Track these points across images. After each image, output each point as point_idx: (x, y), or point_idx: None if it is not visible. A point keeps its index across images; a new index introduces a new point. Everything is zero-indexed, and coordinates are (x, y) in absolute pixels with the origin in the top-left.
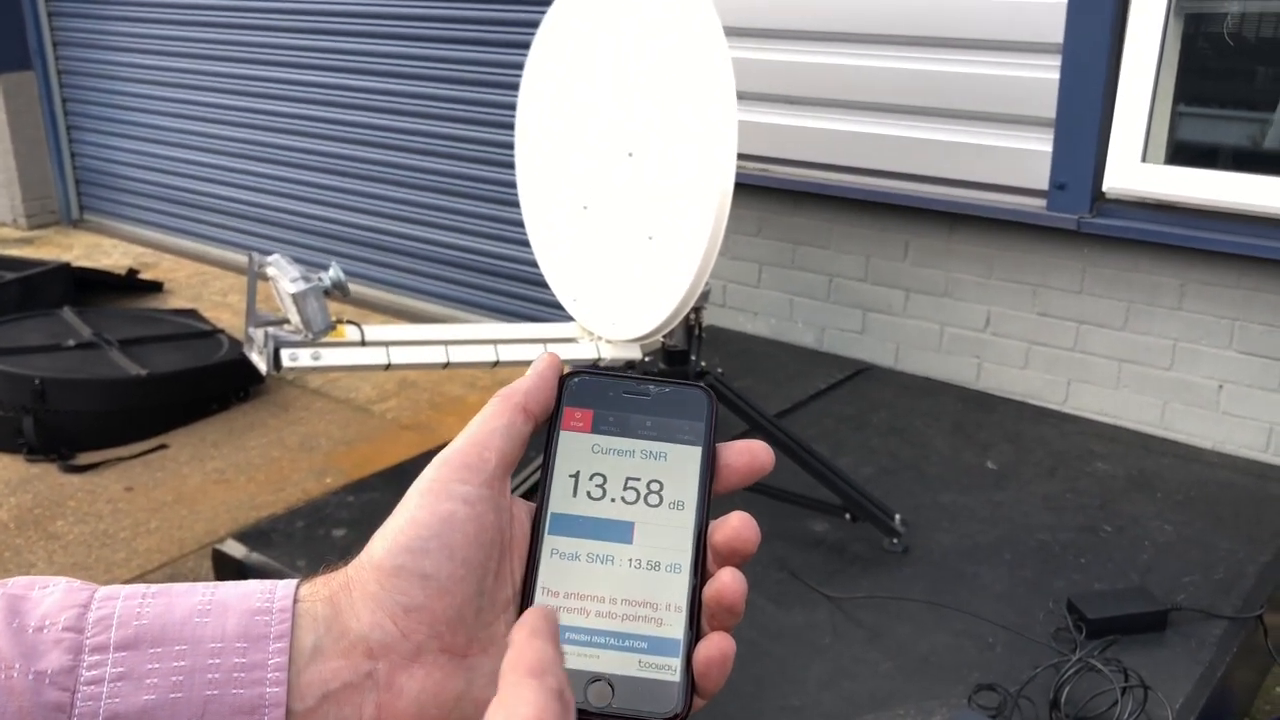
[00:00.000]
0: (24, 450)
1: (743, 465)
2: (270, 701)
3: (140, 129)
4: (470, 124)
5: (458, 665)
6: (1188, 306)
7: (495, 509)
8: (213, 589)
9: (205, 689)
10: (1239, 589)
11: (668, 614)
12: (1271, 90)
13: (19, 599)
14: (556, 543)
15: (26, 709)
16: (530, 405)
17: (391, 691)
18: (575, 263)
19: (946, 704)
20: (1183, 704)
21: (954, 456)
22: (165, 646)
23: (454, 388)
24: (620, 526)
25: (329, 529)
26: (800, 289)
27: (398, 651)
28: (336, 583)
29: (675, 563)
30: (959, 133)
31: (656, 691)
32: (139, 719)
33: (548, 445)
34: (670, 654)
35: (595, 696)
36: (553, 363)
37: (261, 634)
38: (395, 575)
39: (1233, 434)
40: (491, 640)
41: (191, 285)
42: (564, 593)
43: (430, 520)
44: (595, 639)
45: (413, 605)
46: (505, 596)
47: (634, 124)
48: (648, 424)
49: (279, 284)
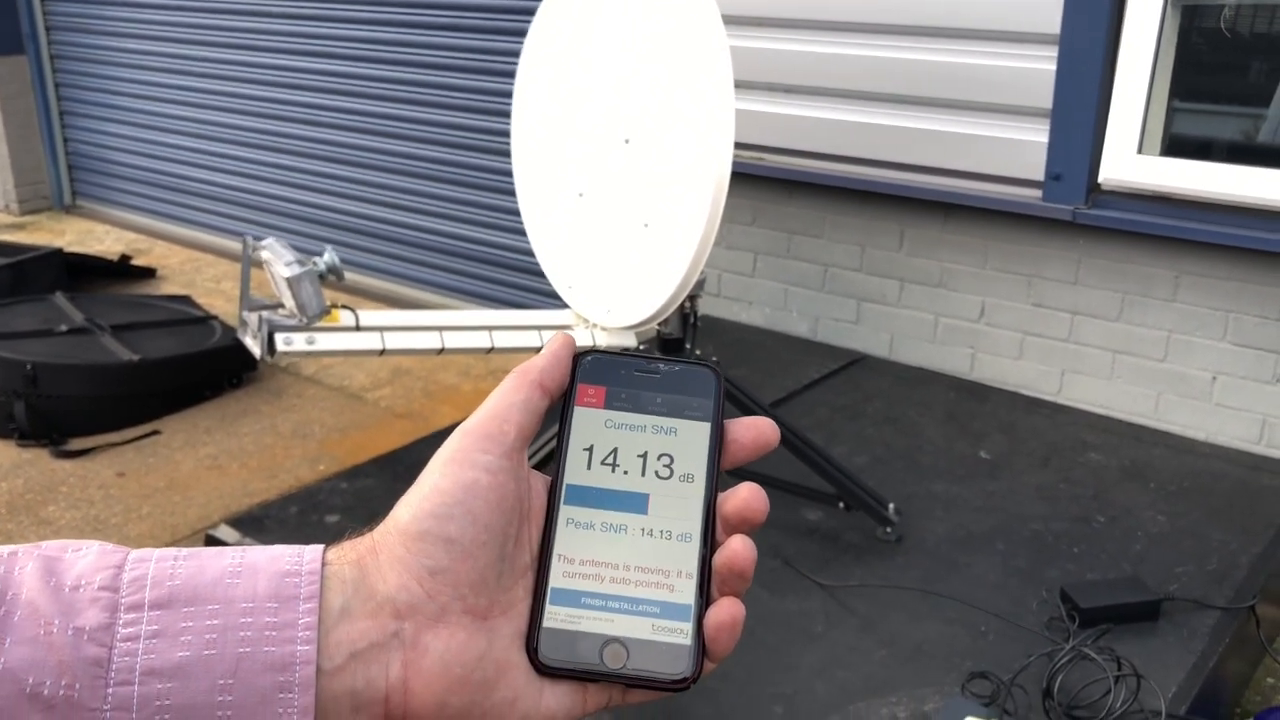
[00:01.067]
0: (15, 435)
1: (749, 440)
2: (301, 659)
3: (133, 114)
4: (465, 111)
5: (480, 626)
6: (1182, 298)
7: (515, 478)
8: (241, 553)
9: (238, 646)
10: (1231, 580)
11: (679, 581)
12: (1268, 83)
13: (54, 560)
14: (572, 513)
15: (66, 663)
16: (546, 382)
17: (417, 650)
18: (571, 250)
19: (939, 692)
20: (1175, 693)
21: (947, 446)
22: (198, 606)
23: (448, 376)
24: (633, 497)
25: (323, 515)
26: (795, 279)
27: (423, 612)
28: (363, 547)
29: (686, 532)
30: (954, 123)
31: (669, 654)
32: (174, 674)
33: (562, 420)
34: (682, 618)
35: (610, 658)
36: (567, 342)
37: (291, 595)
38: (421, 539)
39: (1226, 425)
40: (511, 604)
41: (184, 272)
42: (579, 559)
43: (454, 488)
44: (610, 604)
45: (438, 568)
46: (524, 562)
47: (630, 110)
48: (658, 400)
49: (273, 268)
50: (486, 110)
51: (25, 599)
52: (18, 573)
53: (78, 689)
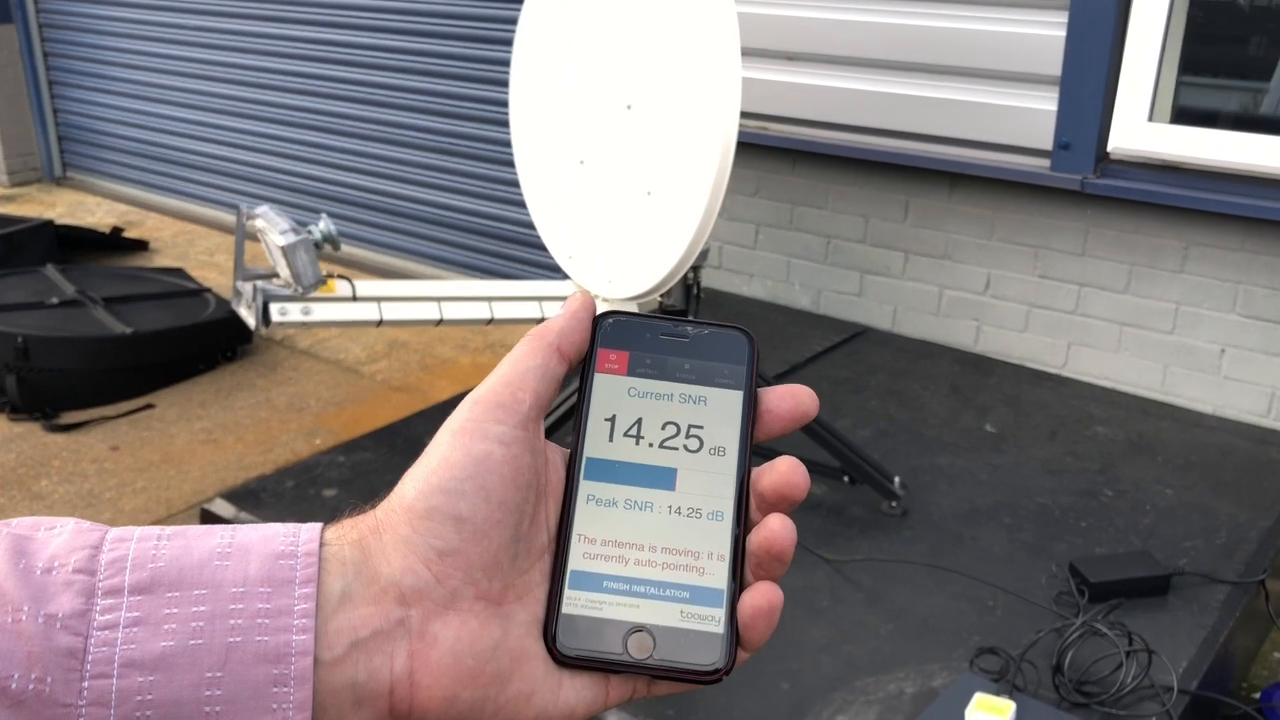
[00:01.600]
0: (7, 409)
1: (785, 411)
2: (297, 650)
3: (124, 84)
4: (463, 80)
5: (493, 613)
6: (1190, 269)
7: (531, 451)
8: (232, 531)
9: (227, 636)
10: (1241, 554)
11: (710, 563)
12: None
13: (24, 539)
14: (593, 488)
15: (36, 654)
16: (564, 345)
17: (425, 640)
18: (571, 220)
19: (947, 667)
20: (1186, 668)
21: (952, 419)
22: (183, 591)
23: (445, 349)
24: (660, 472)
25: (319, 489)
26: (797, 250)
27: (431, 598)
28: (365, 526)
29: (717, 510)
30: (961, 90)
31: (700, 643)
32: (157, 666)
33: (581, 388)
34: (713, 604)
35: (636, 648)
36: (586, 302)
37: (286, 578)
38: (428, 518)
39: (1234, 398)
40: (527, 588)
41: (177, 244)
42: (601, 540)
43: (464, 461)
44: (635, 588)
45: (447, 549)
46: (540, 543)
47: (633, 75)
48: (686, 367)
49: (268, 236)
50: (484, 79)
51: None
52: None
53: (49, 682)
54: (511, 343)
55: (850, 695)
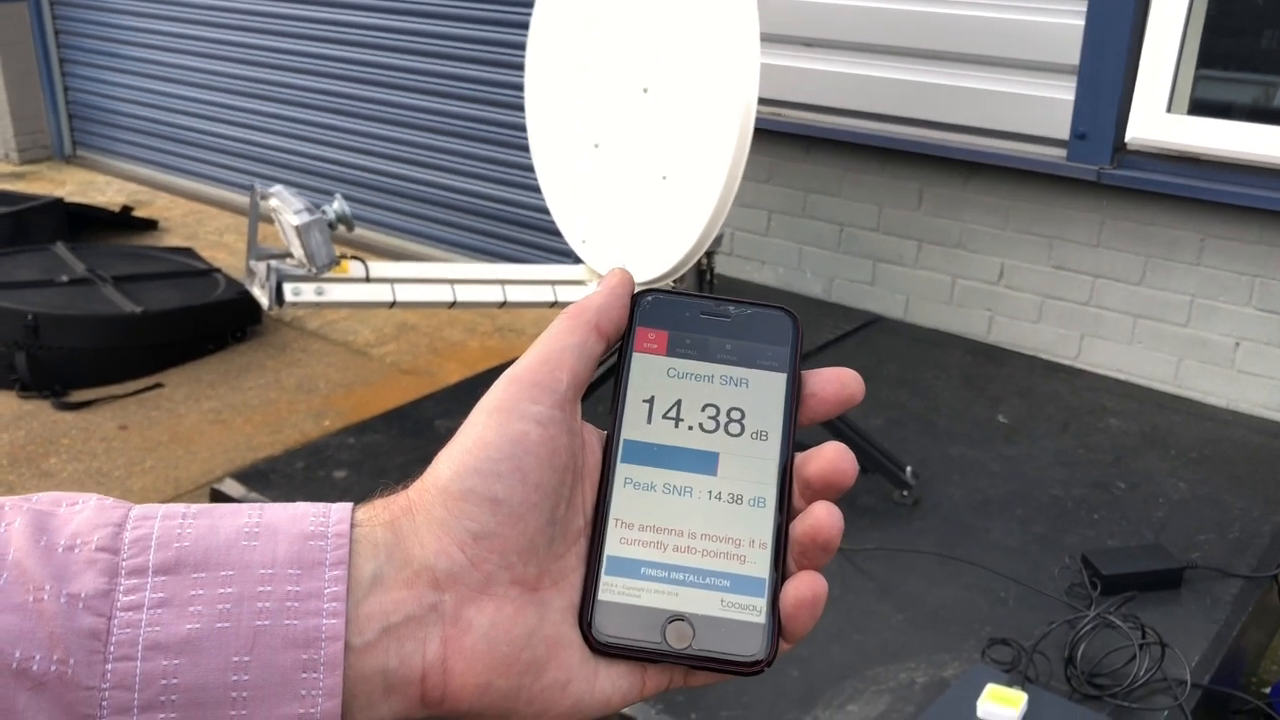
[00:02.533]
0: (16, 386)
1: (831, 394)
2: (327, 634)
3: (135, 63)
4: (478, 63)
5: (529, 599)
6: (1206, 262)
7: (568, 432)
8: (259, 510)
9: (255, 619)
10: (1254, 548)
11: (752, 551)
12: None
13: (46, 515)
14: (630, 471)
15: (58, 635)
16: (603, 323)
17: (459, 626)
18: (585, 203)
19: (958, 658)
20: (1198, 662)
21: (964, 410)
22: (209, 572)
23: (454, 332)
24: (700, 456)
25: (329, 470)
26: (810, 238)
27: (465, 582)
28: (397, 507)
29: (759, 496)
30: (978, 79)
31: (740, 633)
32: (182, 649)
33: (619, 368)
34: (755, 593)
35: (675, 637)
36: (625, 279)
37: (316, 560)
38: (463, 499)
39: (1248, 392)
40: (563, 574)
41: (187, 224)
42: (639, 525)
43: (501, 441)
44: (674, 575)
45: (482, 532)
46: (577, 527)
47: (650, 58)
48: (727, 347)
49: (282, 216)
50: (501, 62)
51: (12, 560)
52: (4, 530)
53: (72, 664)
54: (520, 327)
55: (861, 684)
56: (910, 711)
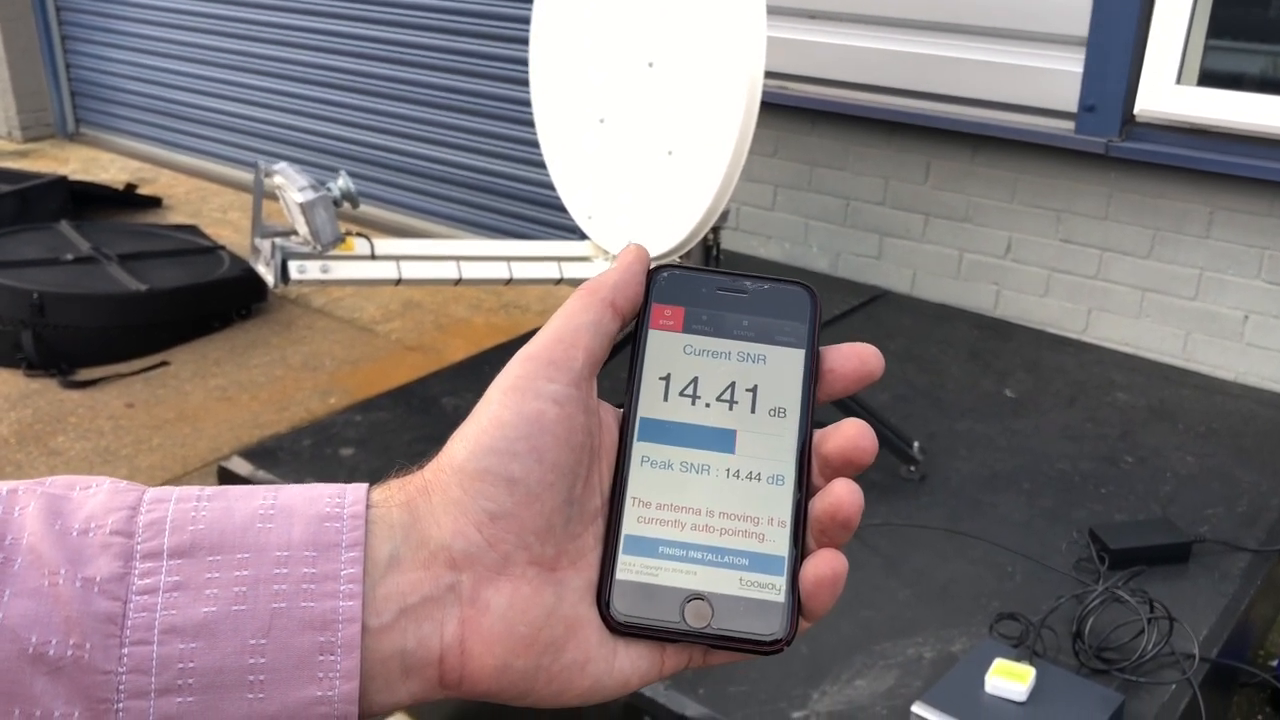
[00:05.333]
0: (23, 365)
1: (850, 371)
2: (344, 616)
3: (138, 40)
4: (482, 38)
5: (546, 579)
6: (1215, 234)
7: (584, 411)
8: (274, 492)
9: (271, 601)
10: (1262, 522)
11: (770, 529)
12: None
13: (59, 499)
14: (647, 449)
15: (74, 619)
16: (619, 300)
17: (476, 607)
18: (591, 179)
19: (966, 633)
20: (1206, 636)
21: (971, 384)
22: (225, 555)
23: (459, 309)
24: (717, 434)
25: (336, 448)
26: (816, 212)
27: (483, 563)
28: (413, 487)
29: (777, 474)
30: (985, 51)
31: (760, 612)
32: (198, 633)
33: (635, 345)
34: (774, 572)
35: (693, 616)
36: (640, 255)
37: (332, 542)
38: (480, 479)
39: (1257, 366)
40: (580, 554)
41: (190, 201)
42: (656, 503)
43: (517, 420)
44: (691, 554)
45: (500, 512)
46: (593, 506)
47: (655, 32)
48: (744, 324)
49: (286, 193)
50: (505, 36)
51: (26, 544)
52: (18, 514)
53: (88, 649)
54: (525, 303)
55: (869, 659)
56: (918, 686)
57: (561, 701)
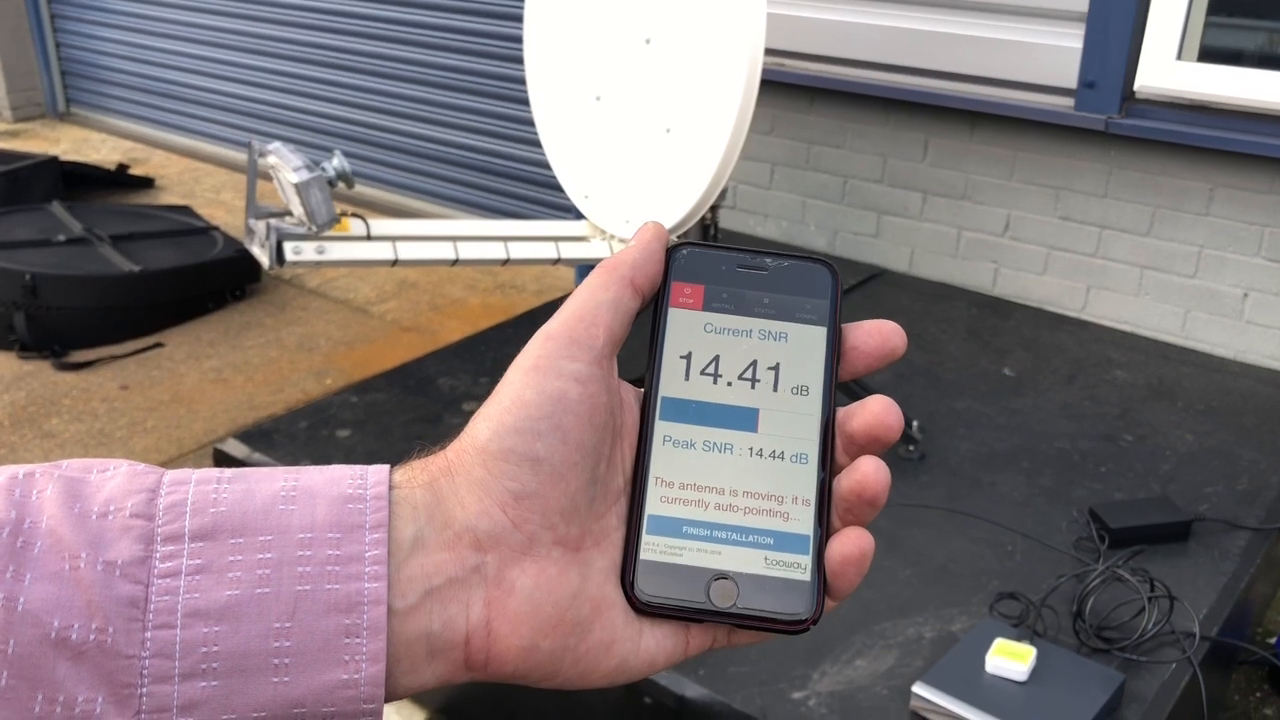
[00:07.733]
0: (16, 347)
1: (872, 348)
2: (370, 598)
3: (128, 18)
4: (476, 15)
5: (571, 559)
6: (1215, 212)
7: (606, 390)
8: (295, 474)
9: (295, 584)
10: (1262, 500)
11: (794, 508)
12: None
13: (77, 482)
14: (669, 429)
15: (96, 603)
16: (638, 278)
17: (502, 588)
18: (587, 158)
19: (966, 612)
20: (1206, 614)
21: (970, 363)
22: (247, 537)
23: (455, 289)
24: (740, 412)
25: (333, 430)
26: (813, 191)
27: (508, 543)
28: (435, 468)
29: (801, 452)
30: (984, 27)
31: (786, 591)
32: (222, 616)
33: (655, 324)
34: (799, 551)
35: (719, 596)
36: (659, 233)
37: (355, 523)
38: (504, 459)
39: (1256, 343)
40: (604, 533)
41: (183, 182)
42: (679, 483)
43: (540, 400)
44: (716, 533)
45: (524, 492)
46: (617, 486)
47: (652, 8)
48: (765, 301)
49: (281, 173)
50: (499, 14)
51: (46, 528)
52: (36, 497)
53: (111, 633)
54: (521, 283)
55: (869, 639)
56: (919, 666)
57: (588, 682)
